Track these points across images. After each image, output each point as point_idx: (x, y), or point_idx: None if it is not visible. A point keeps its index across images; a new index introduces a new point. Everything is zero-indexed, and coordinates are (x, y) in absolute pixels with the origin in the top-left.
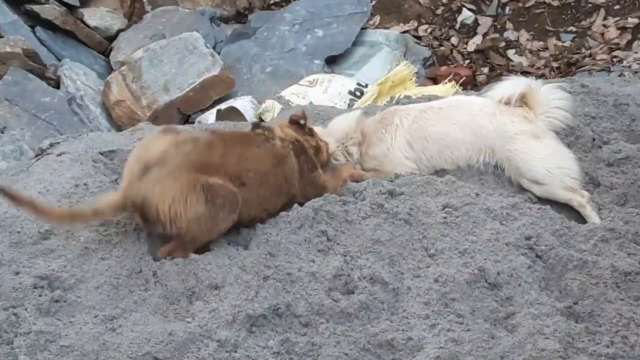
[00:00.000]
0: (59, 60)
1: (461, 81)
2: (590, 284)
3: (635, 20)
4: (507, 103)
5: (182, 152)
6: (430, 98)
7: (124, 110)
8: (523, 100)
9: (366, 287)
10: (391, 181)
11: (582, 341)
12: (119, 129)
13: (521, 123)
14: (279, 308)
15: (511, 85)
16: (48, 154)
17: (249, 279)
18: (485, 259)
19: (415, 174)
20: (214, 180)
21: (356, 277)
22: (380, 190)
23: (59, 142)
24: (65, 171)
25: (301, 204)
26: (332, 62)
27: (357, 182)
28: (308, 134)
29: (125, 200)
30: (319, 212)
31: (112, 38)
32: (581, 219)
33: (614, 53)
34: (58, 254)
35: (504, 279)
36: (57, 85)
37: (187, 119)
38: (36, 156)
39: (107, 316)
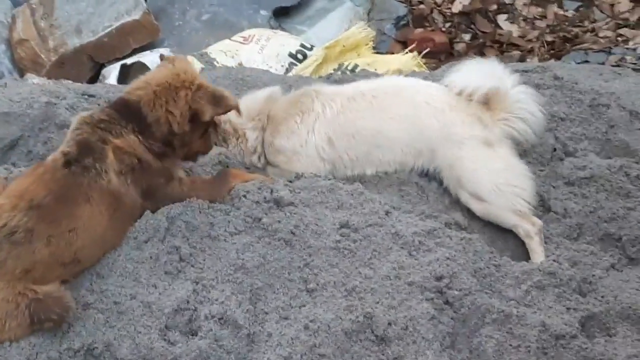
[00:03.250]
0: None
1: (430, 50)
2: (510, 345)
3: None
4: (468, 98)
5: None
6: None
7: (26, 51)
8: (484, 97)
9: (212, 329)
10: (290, 182)
11: None
12: (21, 73)
13: (473, 125)
14: (95, 348)
15: (480, 77)
16: None
17: None
18: (377, 303)
19: (319, 177)
20: (45, 291)
21: (203, 314)
22: (264, 198)
23: None
24: None
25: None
26: (283, 14)
27: None
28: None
29: None
30: (175, 222)
31: None
32: (523, 254)
33: (621, 30)
34: None
35: (396, 332)
36: None
37: (100, 68)
38: None
39: None
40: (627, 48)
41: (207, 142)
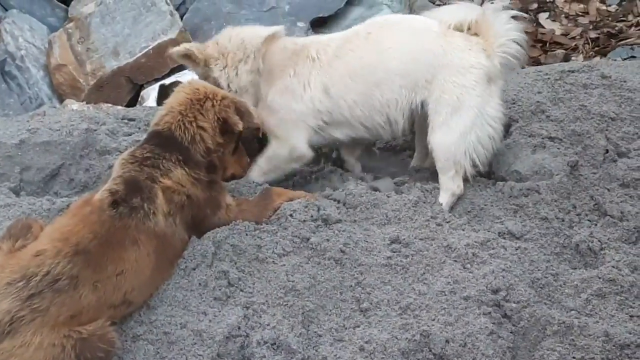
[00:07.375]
0: (6, 10)
1: None
2: (573, 358)
3: None
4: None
5: (37, 311)
6: None
7: (65, 76)
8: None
9: (265, 356)
10: (336, 200)
11: None
12: (60, 98)
13: (479, 53)
14: None
15: (462, 10)
16: None
17: None
18: (433, 320)
19: (363, 191)
20: (89, 330)
21: (255, 340)
22: (311, 216)
23: None
24: None
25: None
26: (321, 24)
27: None
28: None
29: None
30: (222, 246)
31: None
32: (581, 262)
33: None
34: None
35: (455, 349)
36: None
37: (139, 90)
38: None
39: None
40: None
41: (241, 162)
